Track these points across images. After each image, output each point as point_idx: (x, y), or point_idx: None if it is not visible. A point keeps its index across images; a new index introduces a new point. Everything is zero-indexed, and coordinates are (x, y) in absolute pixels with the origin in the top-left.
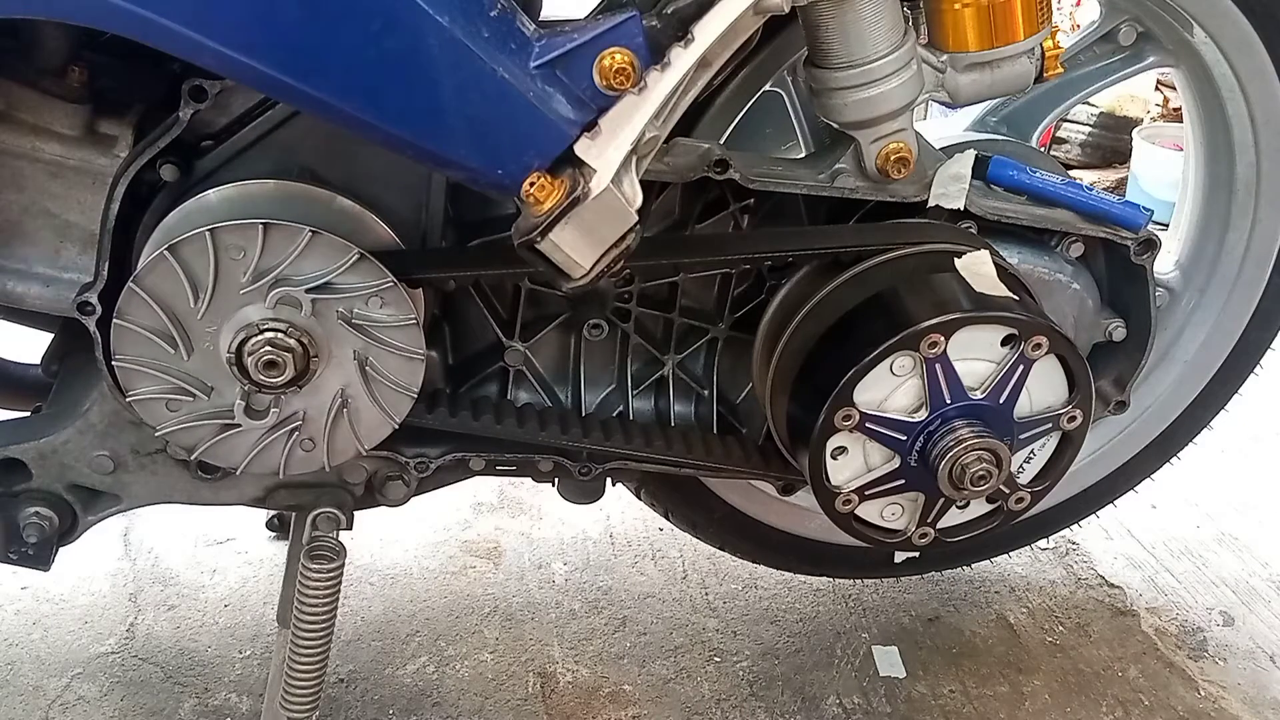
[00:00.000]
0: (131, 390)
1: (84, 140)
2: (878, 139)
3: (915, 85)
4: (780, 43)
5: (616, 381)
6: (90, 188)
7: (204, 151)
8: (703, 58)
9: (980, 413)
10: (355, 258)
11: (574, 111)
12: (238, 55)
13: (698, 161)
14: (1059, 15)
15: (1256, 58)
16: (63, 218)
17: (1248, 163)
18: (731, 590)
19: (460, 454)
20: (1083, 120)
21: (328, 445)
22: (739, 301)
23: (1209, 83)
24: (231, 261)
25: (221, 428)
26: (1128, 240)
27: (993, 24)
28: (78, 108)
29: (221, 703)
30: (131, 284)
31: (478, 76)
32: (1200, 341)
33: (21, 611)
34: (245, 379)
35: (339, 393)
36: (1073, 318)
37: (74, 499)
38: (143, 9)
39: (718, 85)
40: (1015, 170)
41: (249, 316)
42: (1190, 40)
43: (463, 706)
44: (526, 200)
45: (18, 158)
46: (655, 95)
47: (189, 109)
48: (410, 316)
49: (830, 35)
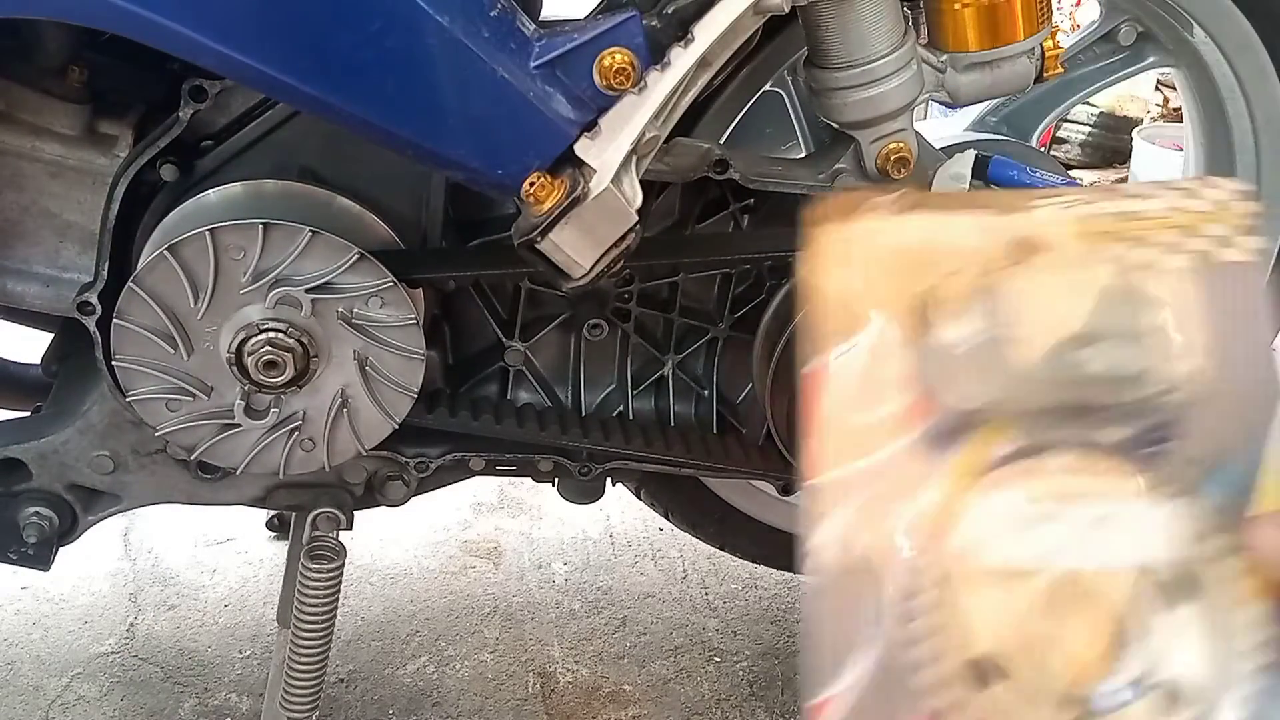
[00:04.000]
0: (131, 390)
1: (84, 140)
2: (878, 139)
3: (915, 85)
4: (780, 43)
5: (616, 381)
6: (90, 188)
7: (204, 151)
8: (703, 58)
9: None
10: (355, 258)
11: (574, 111)
12: (237, 55)
13: (698, 161)
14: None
15: (1256, 58)
16: (63, 218)
17: (1248, 163)
18: (731, 590)
19: (460, 454)
20: (1083, 120)
21: (328, 445)
22: (739, 301)
23: (1209, 83)
24: (231, 261)
25: (221, 428)
26: None
27: (993, 24)
28: (78, 108)
29: (221, 703)
30: (131, 284)
31: (478, 76)
32: None
33: (21, 611)
34: (245, 379)
35: (339, 393)
36: None
37: (74, 499)
38: (143, 9)
39: (718, 85)
40: (1015, 170)
41: (249, 316)
42: (1190, 40)
43: (463, 706)
44: (526, 200)
45: (18, 158)
46: (655, 95)
47: (189, 109)
48: (410, 316)
49: (830, 35)
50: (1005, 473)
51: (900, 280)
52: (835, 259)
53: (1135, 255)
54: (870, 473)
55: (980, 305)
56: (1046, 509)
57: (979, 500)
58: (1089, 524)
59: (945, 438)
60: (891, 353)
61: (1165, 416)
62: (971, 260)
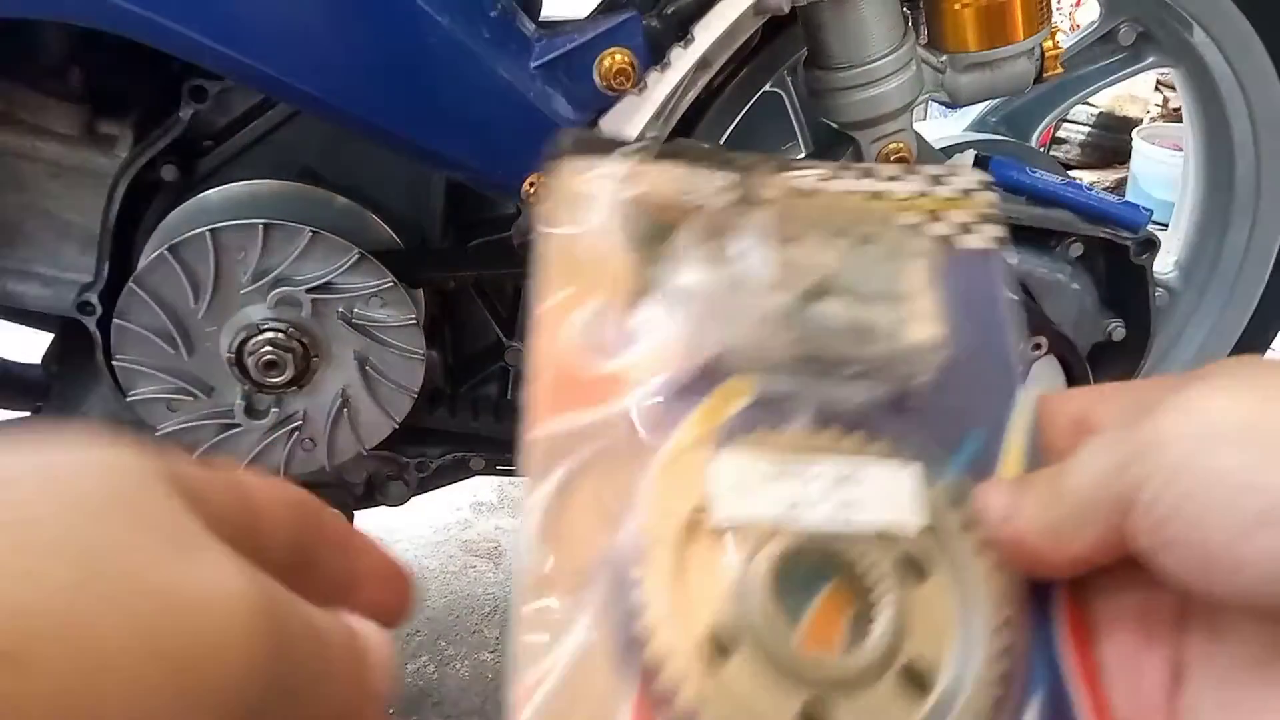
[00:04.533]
0: (132, 390)
1: (84, 140)
2: (878, 139)
3: (915, 85)
4: (780, 43)
5: None
6: (90, 188)
7: (204, 151)
8: (703, 58)
9: None
10: (355, 258)
11: (574, 112)
12: (238, 55)
13: None
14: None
15: (1256, 58)
16: (63, 218)
17: (1248, 163)
18: None
19: (460, 454)
20: (1083, 120)
21: (328, 445)
22: None
23: (1209, 83)
24: (232, 262)
25: (222, 428)
26: (1128, 240)
27: (992, 24)
28: (78, 108)
29: None
30: (132, 284)
31: (478, 76)
32: (1200, 342)
33: None
34: (246, 379)
35: (339, 393)
36: (1073, 318)
37: None
38: (143, 9)
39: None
40: (1015, 170)
41: (249, 317)
42: (1190, 40)
43: (463, 706)
44: (526, 200)
45: (18, 158)
46: (655, 95)
47: (189, 109)
48: (410, 316)
49: (830, 35)
50: (745, 427)
51: (639, 224)
52: (570, 201)
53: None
54: (598, 425)
55: (721, 248)
56: (785, 467)
57: (714, 456)
58: (829, 485)
59: (684, 390)
60: (627, 299)
61: (906, 382)
62: (714, 204)
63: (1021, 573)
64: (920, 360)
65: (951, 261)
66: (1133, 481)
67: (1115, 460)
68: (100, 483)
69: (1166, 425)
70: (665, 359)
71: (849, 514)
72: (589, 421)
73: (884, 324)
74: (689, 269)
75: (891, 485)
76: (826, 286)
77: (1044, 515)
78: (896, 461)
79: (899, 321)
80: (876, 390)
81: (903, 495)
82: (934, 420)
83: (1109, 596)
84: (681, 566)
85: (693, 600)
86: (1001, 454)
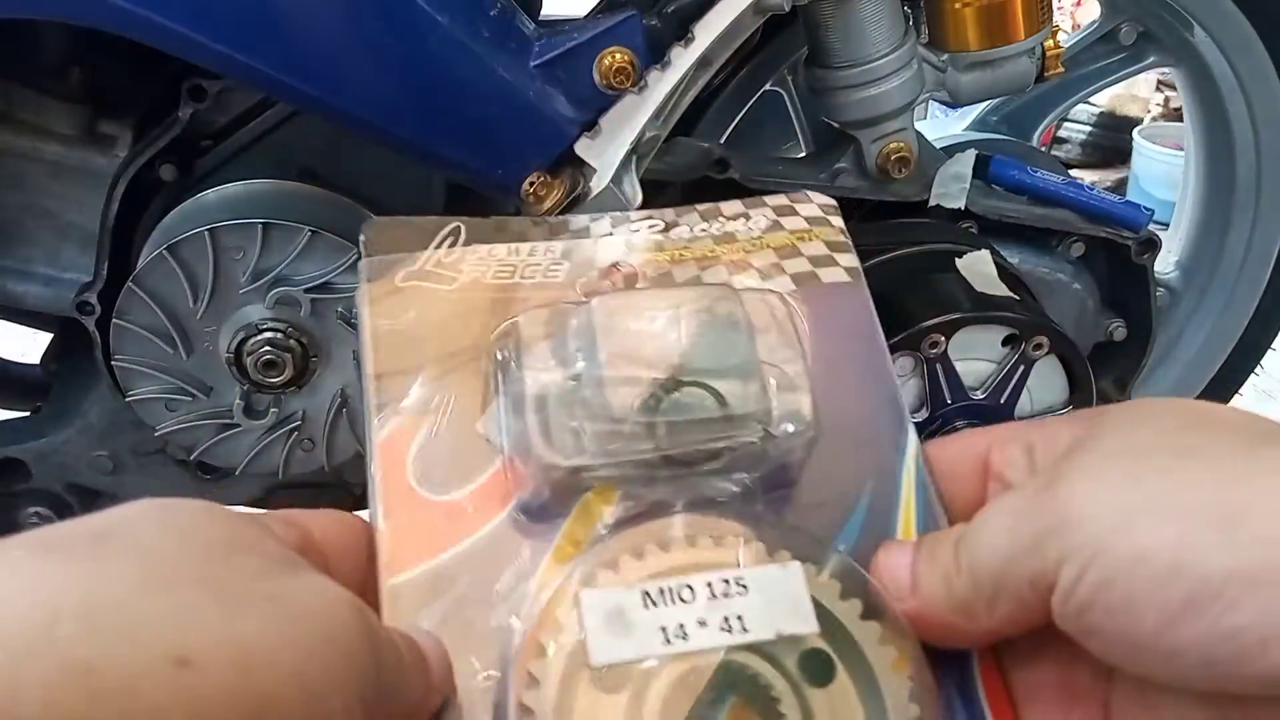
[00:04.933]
0: (131, 390)
1: (84, 140)
2: (878, 138)
3: (916, 84)
4: (780, 43)
5: None
6: (90, 188)
7: (204, 151)
8: (703, 57)
9: (981, 413)
10: (355, 258)
11: (574, 111)
12: (237, 55)
13: (698, 161)
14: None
15: (1257, 58)
16: (63, 218)
17: (1248, 163)
18: None
19: None
20: (1083, 120)
21: (327, 445)
22: None
23: (1209, 83)
24: (231, 261)
25: (221, 428)
26: (1129, 240)
27: (993, 23)
28: (78, 108)
29: None
30: (131, 284)
31: (478, 76)
32: (1201, 341)
33: None
34: (245, 379)
35: (338, 393)
36: (1074, 318)
37: (74, 499)
38: (143, 9)
39: (718, 85)
40: (1016, 170)
41: (248, 316)
42: (1191, 40)
43: None
44: (526, 200)
45: (18, 158)
46: (655, 95)
47: (189, 109)
48: None
49: (831, 34)
50: (614, 546)
51: (467, 326)
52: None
53: (732, 280)
54: (459, 561)
55: (562, 346)
56: (662, 592)
57: (584, 590)
58: (711, 603)
59: (544, 510)
60: (466, 412)
61: (781, 460)
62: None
63: (933, 644)
64: (790, 437)
65: (818, 300)
66: (1049, 560)
67: (1027, 534)
68: (209, 525)
69: (1079, 496)
70: (521, 475)
71: (737, 629)
72: (450, 557)
73: (746, 402)
74: (533, 373)
75: (776, 590)
76: (679, 373)
77: (953, 590)
78: (775, 566)
79: (761, 394)
80: (750, 478)
81: (788, 599)
82: (815, 495)
83: (1029, 665)
84: (569, 708)
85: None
86: (900, 506)
